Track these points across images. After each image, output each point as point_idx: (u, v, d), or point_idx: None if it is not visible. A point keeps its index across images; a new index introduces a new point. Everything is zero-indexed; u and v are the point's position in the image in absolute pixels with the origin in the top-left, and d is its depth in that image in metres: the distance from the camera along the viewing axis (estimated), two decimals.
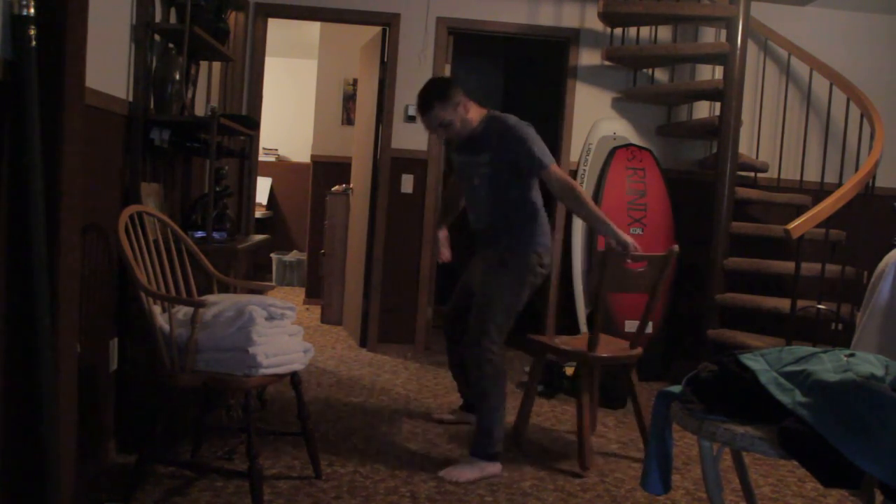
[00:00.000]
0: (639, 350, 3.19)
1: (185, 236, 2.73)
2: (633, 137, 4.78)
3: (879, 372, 1.72)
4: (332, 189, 5.77)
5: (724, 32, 4.37)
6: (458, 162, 3.19)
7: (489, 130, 3.02)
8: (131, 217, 2.46)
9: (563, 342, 3.20)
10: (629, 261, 2.93)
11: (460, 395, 3.52)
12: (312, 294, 6.23)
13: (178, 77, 3.04)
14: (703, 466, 1.83)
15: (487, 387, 2.88)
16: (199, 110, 3.66)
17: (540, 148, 2.96)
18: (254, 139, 4.55)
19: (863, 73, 4.67)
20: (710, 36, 4.75)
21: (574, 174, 4.78)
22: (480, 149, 3.03)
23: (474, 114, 3.06)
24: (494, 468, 2.87)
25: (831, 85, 4.40)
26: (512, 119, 3.04)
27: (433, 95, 2.99)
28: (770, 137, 4.80)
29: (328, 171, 6.22)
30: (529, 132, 2.98)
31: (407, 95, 4.75)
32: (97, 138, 2.53)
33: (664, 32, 4.79)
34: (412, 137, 4.78)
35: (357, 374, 4.24)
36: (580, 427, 2.97)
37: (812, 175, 4.71)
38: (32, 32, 1.82)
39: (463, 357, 3.05)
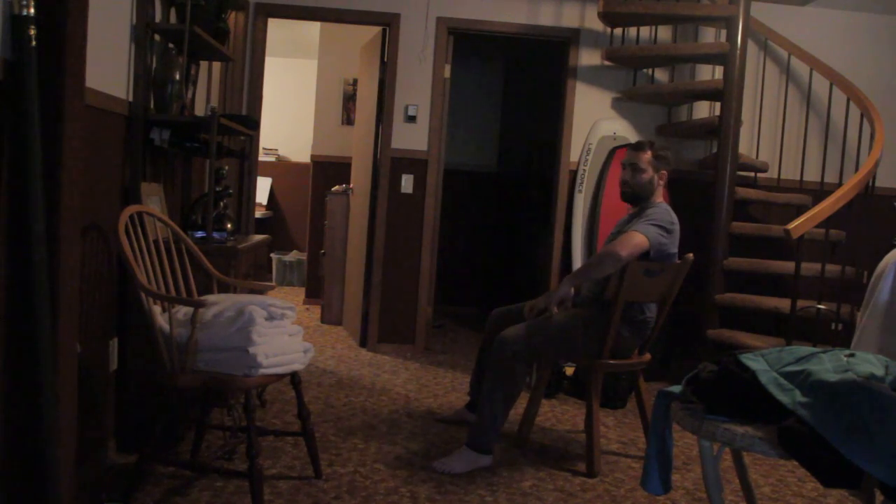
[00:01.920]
0: (647, 356, 3.18)
1: (185, 236, 2.73)
2: (633, 137, 4.77)
3: (879, 372, 1.72)
4: (332, 189, 5.77)
5: (724, 32, 4.37)
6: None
7: (644, 208, 3.14)
8: (131, 217, 2.46)
9: None
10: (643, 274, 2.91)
11: (470, 392, 3.50)
12: (312, 294, 6.23)
13: (178, 77, 3.05)
14: (703, 466, 1.83)
15: (499, 384, 2.91)
16: (199, 110, 3.66)
17: (656, 224, 3.03)
18: (254, 139, 4.55)
19: (863, 73, 4.67)
20: (710, 36, 4.75)
21: (574, 174, 4.78)
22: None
23: (659, 193, 3.18)
24: (486, 460, 2.94)
25: (831, 85, 4.40)
26: (667, 208, 3.14)
27: (652, 144, 3.18)
28: (770, 137, 4.80)
29: (328, 171, 6.23)
30: (665, 216, 3.07)
31: (407, 95, 4.75)
32: (97, 138, 2.53)
33: (664, 32, 4.79)
34: (412, 137, 4.78)
35: (357, 374, 4.24)
36: (589, 432, 2.96)
37: (812, 175, 4.71)
38: (32, 32, 1.82)
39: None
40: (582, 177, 4.71)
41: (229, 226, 3.18)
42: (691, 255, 3.07)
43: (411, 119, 4.76)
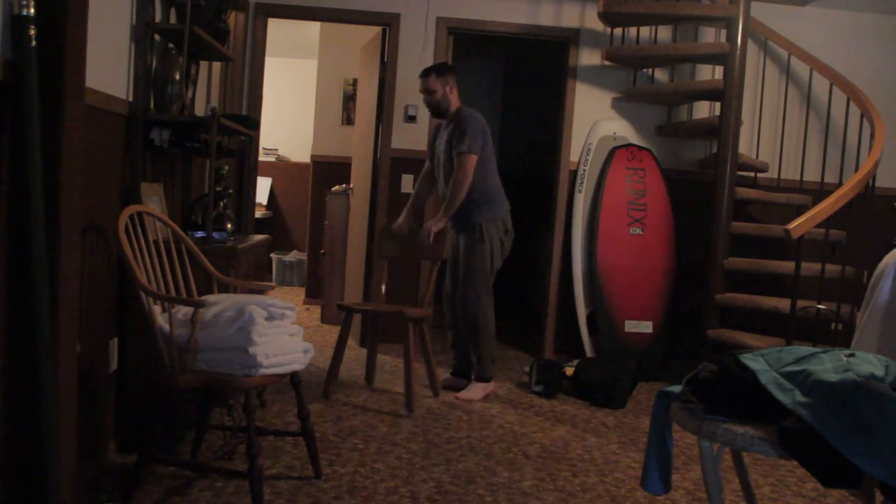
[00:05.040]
0: (422, 311, 3.82)
1: (185, 236, 2.73)
2: (633, 137, 4.78)
3: (879, 372, 1.72)
4: (332, 189, 5.77)
5: (724, 32, 4.37)
6: (435, 145, 4.04)
7: (453, 118, 3.88)
8: (131, 217, 2.46)
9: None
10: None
11: (455, 358, 4.16)
12: (312, 294, 6.23)
13: (178, 77, 3.05)
14: (703, 466, 1.83)
15: (479, 333, 3.88)
16: (199, 110, 3.66)
17: (472, 138, 3.76)
18: (254, 139, 4.54)
19: (863, 73, 4.67)
20: (710, 36, 4.75)
21: (574, 174, 4.78)
22: (447, 132, 3.90)
23: (454, 100, 3.93)
24: (492, 386, 3.98)
25: (831, 85, 4.40)
26: (469, 112, 3.87)
27: (434, 68, 3.94)
28: (770, 137, 4.80)
29: (328, 171, 6.22)
30: (473, 124, 3.79)
31: (407, 95, 4.75)
32: (97, 138, 2.53)
33: (664, 32, 4.79)
34: (412, 137, 4.78)
35: (357, 374, 4.24)
36: (407, 371, 3.63)
37: (812, 175, 4.71)
38: (32, 32, 1.82)
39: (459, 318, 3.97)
40: (582, 177, 4.71)
41: (229, 226, 3.18)
42: (431, 225, 3.82)
43: (411, 119, 4.76)
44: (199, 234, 3.06)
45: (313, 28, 6.23)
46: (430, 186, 4.16)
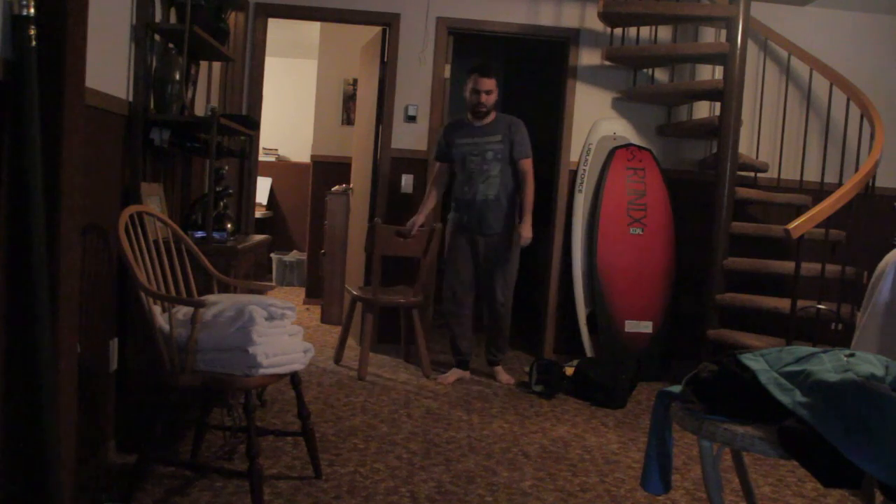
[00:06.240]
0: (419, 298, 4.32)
1: (185, 236, 2.73)
2: (633, 137, 4.78)
3: (879, 372, 1.72)
4: (332, 189, 5.77)
5: (724, 32, 4.37)
6: (467, 144, 4.15)
7: (501, 120, 4.15)
8: (131, 217, 2.46)
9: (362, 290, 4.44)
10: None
11: (459, 353, 4.34)
12: (312, 294, 6.23)
13: (178, 77, 3.04)
14: (703, 466, 1.83)
15: (507, 326, 4.29)
16: (199, 110, 3.66)
17: (528, 142, 4.15)
18: (254, 139, 4.54)
19: (863, 73, 4.67)
20: (710, 36, 4.75)
21: (574, 174, 4.78)
22: (494, 132, 4.11)
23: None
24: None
25: (831, 85, 4.40)
26: (513, 116, 4.19)
27: (493, 69, 4.10)
28: (770, 137, 4.80)
29: (328, 171, 6.22)
30: (524, 128, 4.16)
31: (407, 95, 4.75)
32: (97, 138, 2.53)
33: (664, 32, 4.79)
34: (412, 137, 4.78)
35: (357, 373, 4.24)
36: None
37: (812, 175, 4.71)
38: (32, 32, 1.82)
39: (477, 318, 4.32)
40: (582, 177, 4.71)
41: (229, 226, 3.18)
42: (440, 223, 4.28)
43: (411, 119, 4.76)
44: (199, 234, 3.06)
45: (313, 28, 6.23)
46: (444, 187, 4.42)
